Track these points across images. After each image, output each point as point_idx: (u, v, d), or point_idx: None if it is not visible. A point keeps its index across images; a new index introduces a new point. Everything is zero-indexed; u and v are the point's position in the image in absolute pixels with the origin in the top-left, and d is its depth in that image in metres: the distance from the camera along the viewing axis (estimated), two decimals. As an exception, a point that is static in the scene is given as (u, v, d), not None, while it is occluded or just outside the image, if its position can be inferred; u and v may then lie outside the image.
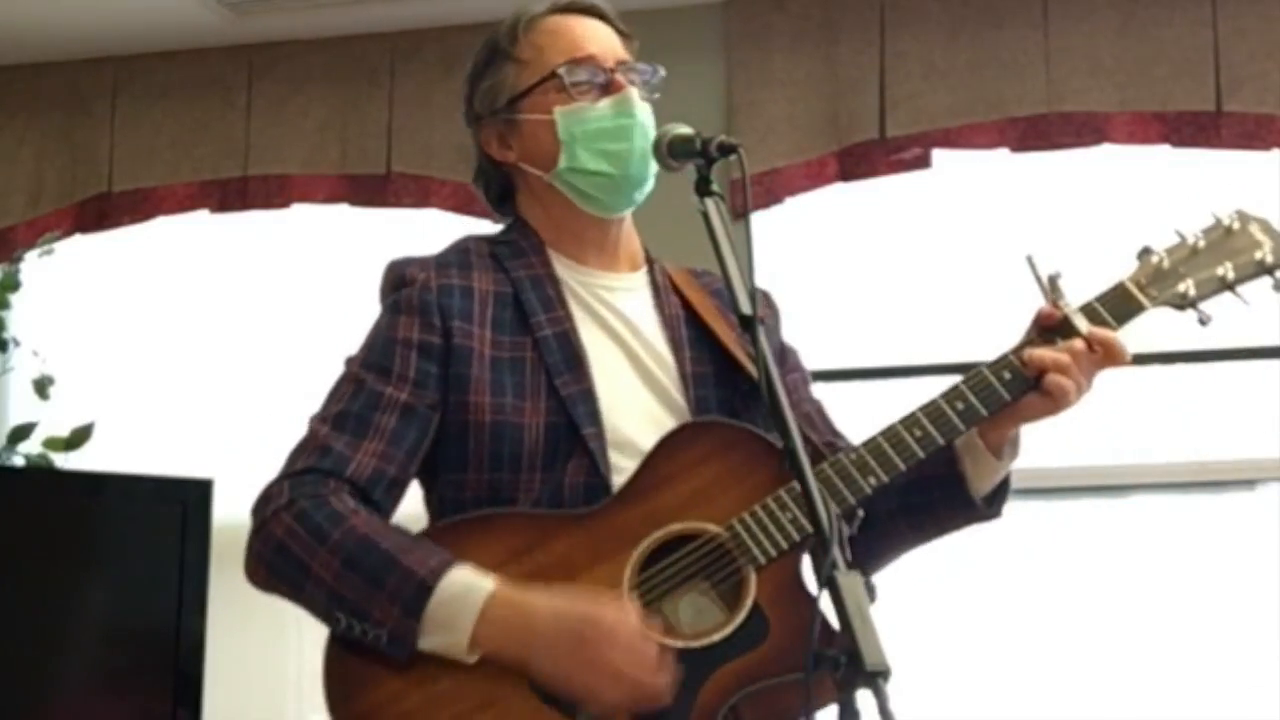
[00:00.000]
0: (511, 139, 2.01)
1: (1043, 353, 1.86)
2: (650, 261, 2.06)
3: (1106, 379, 1.92)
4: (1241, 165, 3.72)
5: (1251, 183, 3.77)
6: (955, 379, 1.90)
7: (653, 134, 1.94)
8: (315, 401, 1.94)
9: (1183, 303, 1.91)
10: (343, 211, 4.17)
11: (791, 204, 3.91)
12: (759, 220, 3.82)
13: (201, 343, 4.29)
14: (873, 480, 1.83)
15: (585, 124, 1.96)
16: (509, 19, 2.04)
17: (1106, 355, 1.87)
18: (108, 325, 4.38)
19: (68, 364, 3.92)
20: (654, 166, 1.95)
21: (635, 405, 1.91)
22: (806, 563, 1.77)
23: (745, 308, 1.69)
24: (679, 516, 1.80)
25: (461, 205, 3.97)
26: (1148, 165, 3.83)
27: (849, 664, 1.42)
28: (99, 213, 4.28)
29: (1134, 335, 1.90)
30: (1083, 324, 1.88)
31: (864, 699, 1.42)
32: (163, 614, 3.35)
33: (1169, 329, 1.96)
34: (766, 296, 2.10)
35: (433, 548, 1.79)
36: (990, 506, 1.95)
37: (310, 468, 1.85)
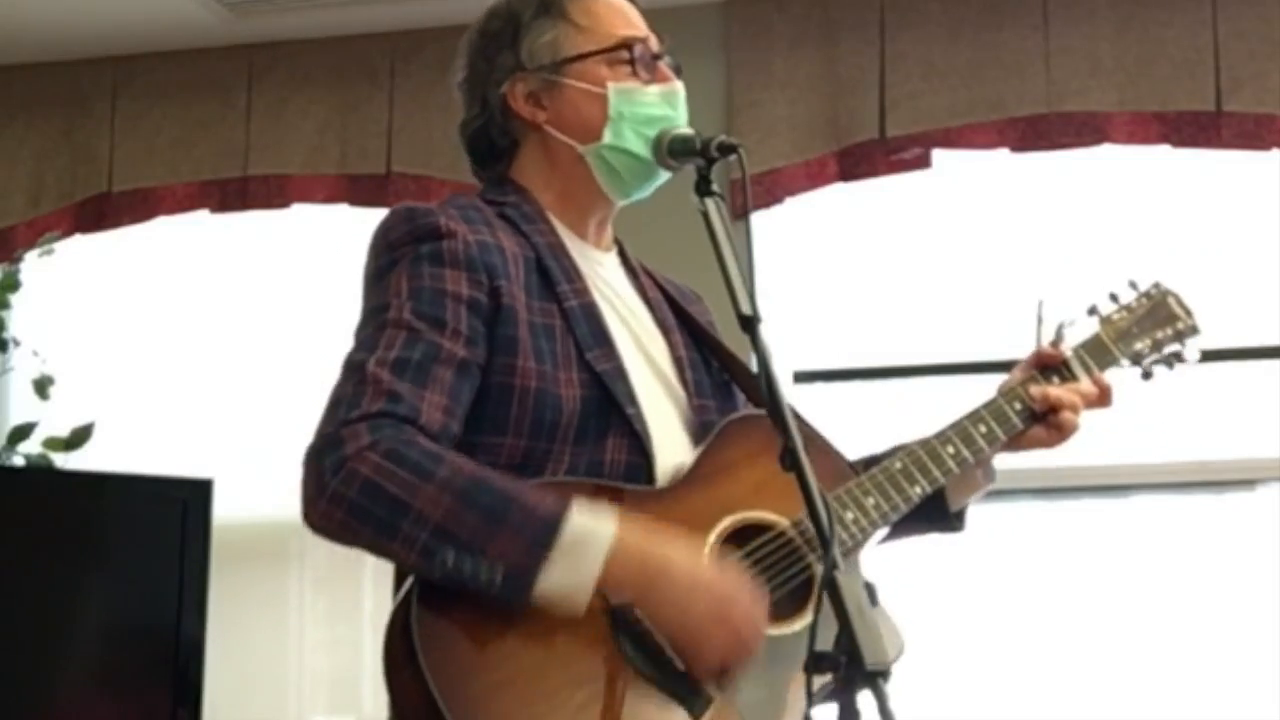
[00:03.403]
0: (546, 100, 1.95)
1: (1059, 392, 2.05)
2: (618, 242, 2.05)
3: (1109, 379, 2.01)
4: (1241, 165, 3.73)
5: (1251, 183, 3.77)
6: (955, 379, 1.94)
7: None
8: (314, 400, 1.89)
9: (1138, 360, 2.17)
10: (343, 211, 4.17)
11: (791, 204, 3.91)
12: (759, 220, 3.82)
13: (201, 342, 4.29)
14: (918, 489, 1.95)
15: (635, 105, 1.94)
16: None
17: (1102, 398, 2.10)
18: (108, 325, 4.38)
19: (68, 364, 3.92)
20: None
21: (647, 386, 1.90)
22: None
23: (745, 308, 1.69)
24: (745, 506, 1.82)
25: (461, 205, 3.97)
26: (1148, 165, 3.83)
27: (849, 664, 1.42)
28: (99, 213, 4.28)
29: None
30: (1081, 370, 2.10)
31: (864, 699, 1.42)
32: (163, 614, 3.35)
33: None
34: (699, 297, 2.11)
35: (544, 489, 1.72)
36: (960, 520, 2.11)
37: (385, 411, 1.71)
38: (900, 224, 4.00)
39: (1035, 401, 2.04)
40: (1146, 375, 2.18)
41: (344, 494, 1.67)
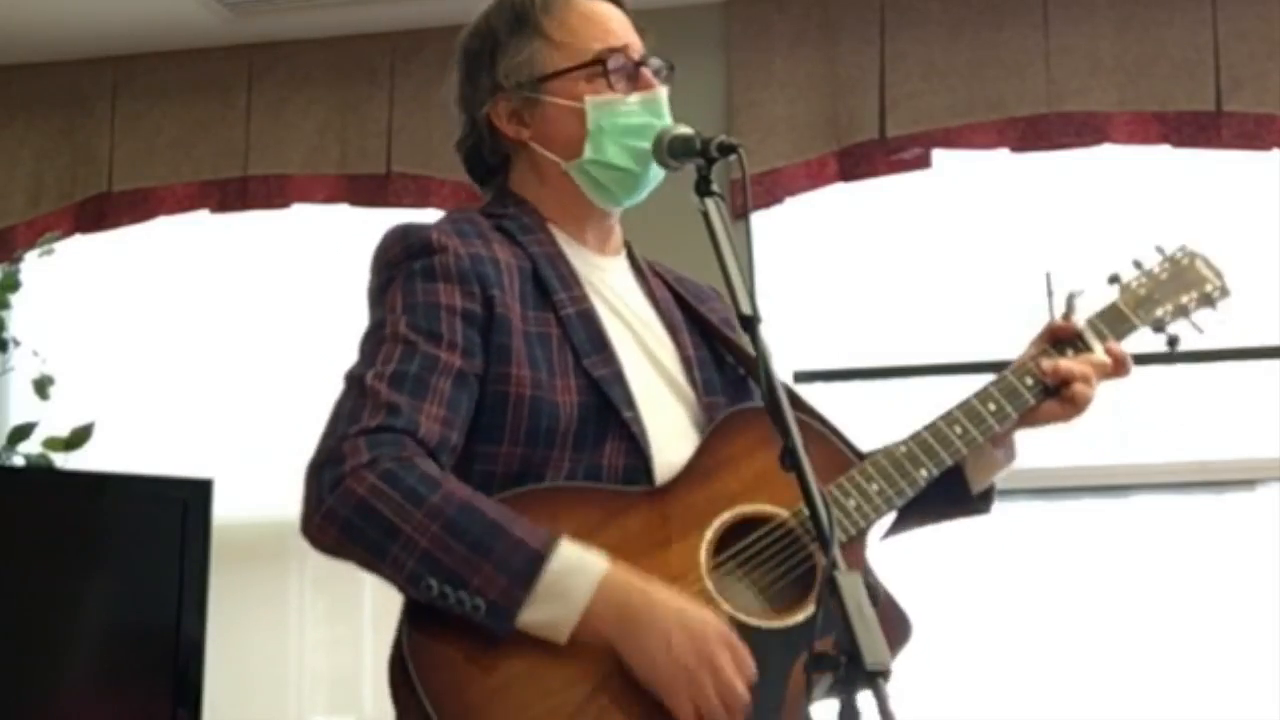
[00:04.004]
0: (528, 118, 1.96)
1: (1069, 364, 2.00)
2: (627, 245, 2.06)
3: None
4: (1241, 165, 3.73)
5: (1251, 183, 3.77)
6: (955, 379, 1.93)
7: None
8: (314, 400, 1.90)
9: (1160, 325, 2.11)
10: (343, 211, 4.17)
11: (791, 204, 3.91)
12: (759, 220, 3.82)
13: (201, 342, 4.29)
14: (924, 472, 1.92)
15: (615, 117, 1.93)
16: None
17: (1118, 367, 2.03)
18: (108, 325, 4.38)
19: (68, 364, 3.92)
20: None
21: (650, 389, 1.91)
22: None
23: (745, 308, 1.69)
24: (744, 499, 1.81)
25: (461, 205, 3.96)
26: (1148, 165, 3.84)
27: (849, 664, 1.42)
28: (99, 213, 4.28)
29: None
30: (1095, 340, 2.04)
31: (864, 699, 1.42)
32: (163, 614, 3.35)
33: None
34: (714, 288, 2.09)
35: (529, 522, 1.72)
36: (985, 502, 2.07)
37: (385, 425, 1.73)
38: (900, 224, 4.00)
39: (1047, 375, 1.99)
40: (1171, 342, 2.11)
41: (339, 512, 1.70)
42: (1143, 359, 2.07)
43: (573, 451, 1.82)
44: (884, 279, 3.99)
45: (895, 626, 1.77)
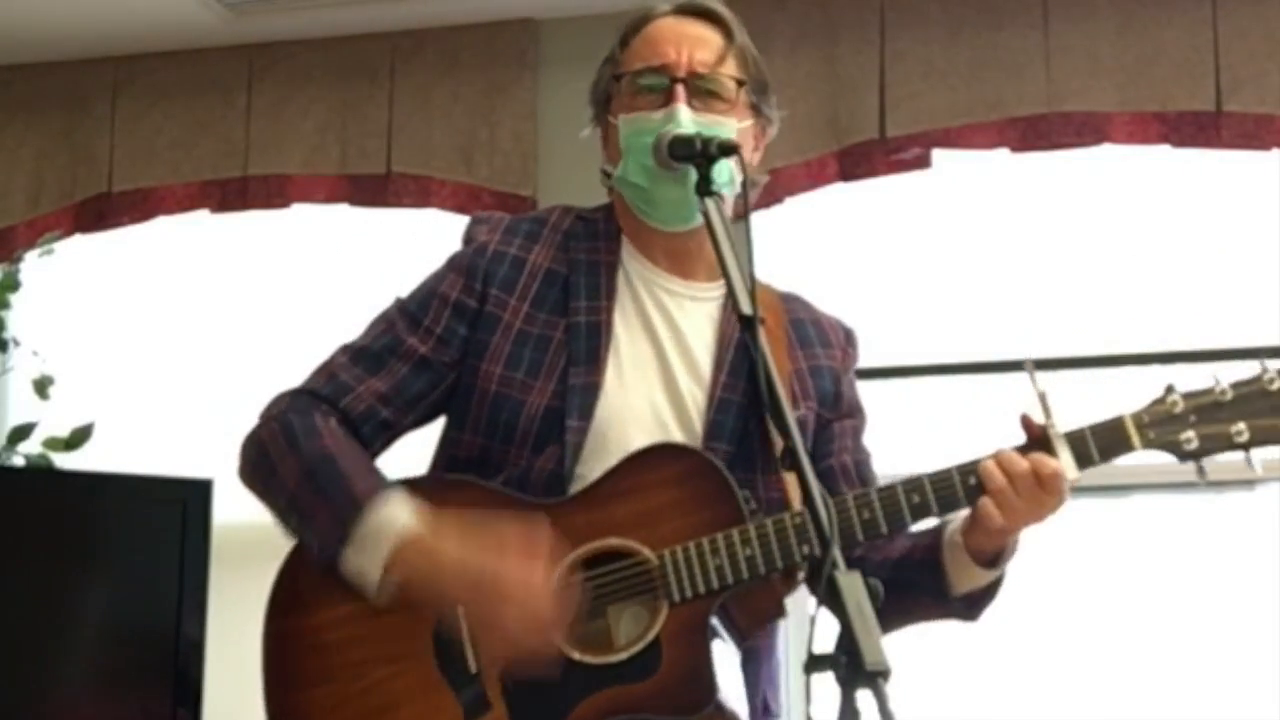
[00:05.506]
0: (606, 137, 2.05)
1: (989, 468, 1.80)
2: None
3: (1109, 379, 1.93)
4: (1241, 165, 3.72)
5: (1251, 183, 3.77)
6: (954, 379, 1.90)
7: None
8: None
9: (1180, 453, 1.82)
10: (343, 211, 4.17)
11: (791, 204, 3.91)
12: (759, 220, 3.81)
13: (201, 343, 4.29)
14: (806, 549, 1.79)
15: (639, 134, 1.96)
16: (629, 18, 2.06)
17: (1040, 486, 1.81)
18: (108, 325, 4.38)
19: (68, 364, 3.92)
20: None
21: (641, 411, 1.91)
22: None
23: (745, 308, 1.70)
24: (621, 532, 1.82)
25: (462, 205, 3.97)
26: (1148, 165, 3.83)
27: (849, 664, 1.42)
28: (99, 213, 4.28)
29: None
30: (1062, 450, 1.81)
31: (864, 699, 1.42)
32: (163, 614, 3.35)
33: (1167, 335, 1.98)
34: (849, 335, 2.14)
35: (382, 478, 1.87)
36: (969, 608, 1.94)
37: (312, 389, 1.97)
38: (900, 224, 4.00)
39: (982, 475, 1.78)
40: (1200, 472, 1.81)
41: (246, 450, 1.96)
42: (1142, 359, 2.02)
43: (530, 452, 1.88)
44: (884, 279, 3.99)
45: (688, 691, 1.75)
